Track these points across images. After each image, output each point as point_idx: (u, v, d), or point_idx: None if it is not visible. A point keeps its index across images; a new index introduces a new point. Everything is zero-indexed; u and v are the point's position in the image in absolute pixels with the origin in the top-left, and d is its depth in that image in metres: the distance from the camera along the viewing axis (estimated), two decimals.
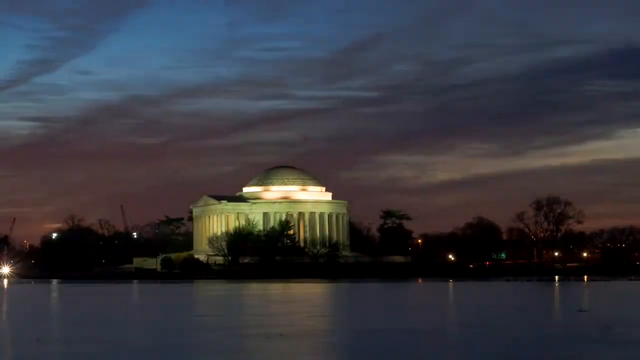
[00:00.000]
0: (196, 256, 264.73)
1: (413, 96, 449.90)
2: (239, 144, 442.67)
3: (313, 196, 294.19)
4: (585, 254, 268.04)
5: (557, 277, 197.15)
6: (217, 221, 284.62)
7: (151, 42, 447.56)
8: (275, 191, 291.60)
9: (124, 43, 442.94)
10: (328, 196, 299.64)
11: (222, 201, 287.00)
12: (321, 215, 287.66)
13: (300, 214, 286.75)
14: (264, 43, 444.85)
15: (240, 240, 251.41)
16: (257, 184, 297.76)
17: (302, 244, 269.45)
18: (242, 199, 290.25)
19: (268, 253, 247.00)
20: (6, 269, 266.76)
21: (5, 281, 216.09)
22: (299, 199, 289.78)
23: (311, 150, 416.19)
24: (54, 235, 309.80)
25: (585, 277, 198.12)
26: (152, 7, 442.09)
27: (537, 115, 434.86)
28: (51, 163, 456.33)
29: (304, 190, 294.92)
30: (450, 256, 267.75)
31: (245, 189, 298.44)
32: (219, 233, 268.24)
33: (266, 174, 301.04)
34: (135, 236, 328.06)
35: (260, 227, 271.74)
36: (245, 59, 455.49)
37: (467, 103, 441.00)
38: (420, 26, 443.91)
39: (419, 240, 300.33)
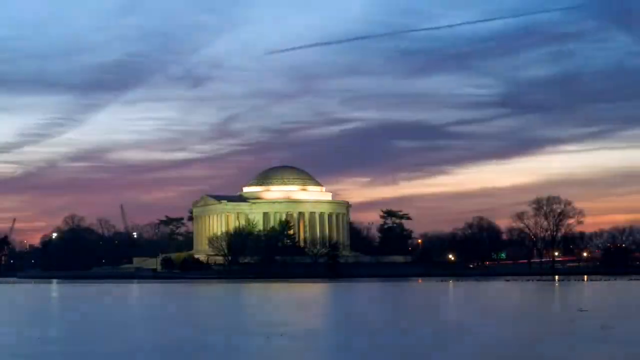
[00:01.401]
0: (196, 256, 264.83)
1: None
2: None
3: (313, 196, 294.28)
4: (585, 254, 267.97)
5: (557, 277, 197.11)
6: (217, 221, 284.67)
7: None
8: (275, 191, 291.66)
9: None
10: (328, 196, 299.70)
11: (222, 201, 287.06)
12: (321, 215, 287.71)
13: (300, 214, 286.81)
14: None
15: (240, 240, 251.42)
16: (257, 184, 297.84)
17: (302, 244, 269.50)
18: (242, 199, 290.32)
19: (268, 253, 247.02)
20: None
21: None
22: (299, 199, 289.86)
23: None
24: (54, 235, 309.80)
25: (585, 277, 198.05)
26: None
27: None
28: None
29: (304, 190, 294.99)
30: (450, 256, 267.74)
31: (245, 189, 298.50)
32: (219, 233, 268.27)
33: (266, 174, 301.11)
34: (135, 236, 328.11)
35: (260, 227, 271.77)
36: None
37: None
38: None
39: (419, 240, 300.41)
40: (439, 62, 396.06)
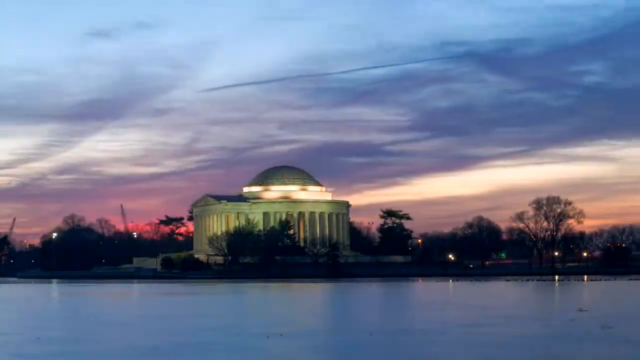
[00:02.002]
0: (196, 256, 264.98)
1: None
2: None
3: (313, 196, 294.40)
4: (585, 254, 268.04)
5: (557, 277, 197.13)
6: (217, 221, 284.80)
7: None
8: (275, 191, 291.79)
9: None
10: (328, 196, 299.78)
11: (222, 201, 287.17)
12: (321, 215, 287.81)
13: (300, 214, 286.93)
14: None
15: (240, 240, 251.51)
16: (257, 184, 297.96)
17: (302, 244, 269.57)
18: (242, 199, 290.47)
19: (268, 253, 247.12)
20: None
21: None
22: (299, 198, 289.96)
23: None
24: (54, 235, 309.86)
25: (585, 277, 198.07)
26: None
27: None
28: None
29: (304, 190, 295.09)
30: (450, 256, 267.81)
31: (245, 189, 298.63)
32: (219, 233, 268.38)
33: (266, 174, 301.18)
34: (135, 236, 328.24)
35: (260, 227, 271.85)
36: None
37: None
38: None
39: (419, 240, 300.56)
40: (356, 97, 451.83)
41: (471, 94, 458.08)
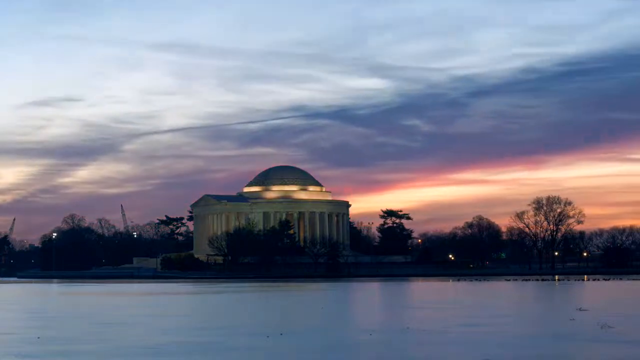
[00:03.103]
0: (196, 256, 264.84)
1: None
2: None
3: (313, 196, 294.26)
4: (585, 254, 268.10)
5: (557, 277, 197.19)
6: (217, 221, 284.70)
7: None
8: (275, 191, 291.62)
9: None
10: (328, 196, 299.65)
11: (222, 201, 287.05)
12: (321, 215, 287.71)
13: (300, 214, 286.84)
14: None
15: (240, 240, 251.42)
16: (257, 184, 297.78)
17: (302, 244, 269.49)
18: (242, 199, 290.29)
19: (268, 253, 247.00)
20: None
21: None
22: (299, 198, 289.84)
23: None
24: (54, 235, 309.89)
25: (585, 277, 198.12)
26: None
27: None
28: None
29: (304, 190, 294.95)
30: (450, 256, 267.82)
31: (245, 189, 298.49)
32: (219, 233, 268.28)
33: (266, 174, 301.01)
34: (135, 236, 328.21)
35: (260, 227, 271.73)
36: None
37: None
38: None
39: (419, 240, 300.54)
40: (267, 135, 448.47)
41: None
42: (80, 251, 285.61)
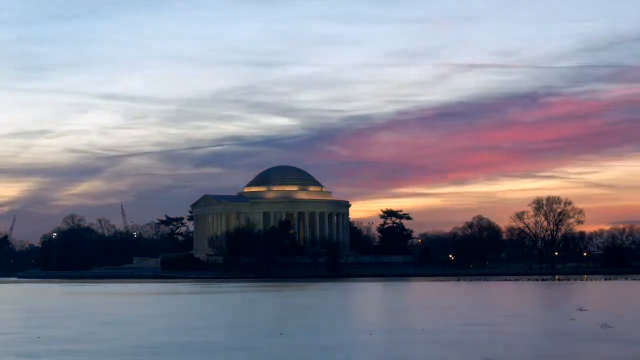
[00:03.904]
0: (196, 256, 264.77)
1: None
2: None
3: (313, 196, 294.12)
4: (585, 254, 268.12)
5: (557, 277, 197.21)
6: (217, 221, 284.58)
7: None
8: (275, 191, 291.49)
9: None
10: (328, 196, 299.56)
11: (222, 201, 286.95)
12: (321, 215, 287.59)
13: (300, 214, 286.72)
14: None
15: (240, 240, 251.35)
16: (257, 184, 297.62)
17: (302, 244, 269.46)
18: (242, 199, 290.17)
19: (268, 253, 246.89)
20: None
21: None
22: (299, 198, 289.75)
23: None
24: (54, 235, 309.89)
25: (585, 277, 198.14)
26: None
27: None
28: None
29: (304, 190, 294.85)
30: (450, 256, 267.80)
31: (246, 189, 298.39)
32: (219, 233, 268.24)
33: (266, 174, 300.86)
34: (135, 236, 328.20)
35: (260, 227, 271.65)
36: None
37: None
38: None
39: (419, 240, 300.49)
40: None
41: None
42: (80, 251, 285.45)
